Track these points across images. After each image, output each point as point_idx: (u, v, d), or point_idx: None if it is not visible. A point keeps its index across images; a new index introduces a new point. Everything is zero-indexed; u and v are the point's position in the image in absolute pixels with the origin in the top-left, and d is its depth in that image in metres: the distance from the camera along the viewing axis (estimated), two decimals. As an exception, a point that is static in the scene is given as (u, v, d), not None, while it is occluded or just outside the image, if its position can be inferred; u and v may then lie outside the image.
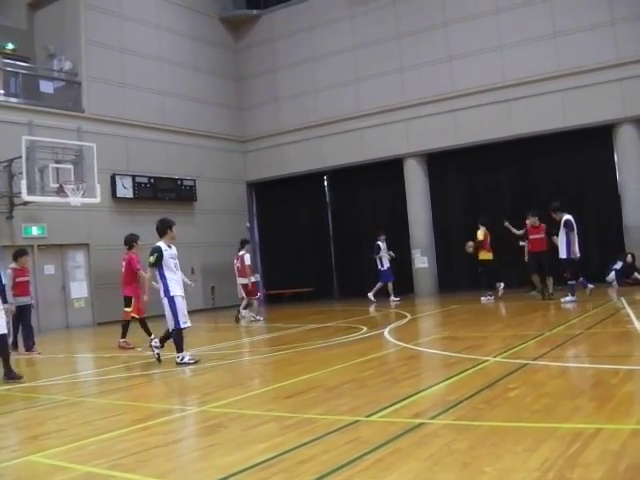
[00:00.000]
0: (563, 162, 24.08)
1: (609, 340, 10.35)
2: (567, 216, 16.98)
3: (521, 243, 20.59)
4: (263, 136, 29.97)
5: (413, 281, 25.77)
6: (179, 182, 27.11)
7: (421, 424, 5.84)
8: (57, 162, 21.35)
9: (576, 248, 16.89)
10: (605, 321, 12.70)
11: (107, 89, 24.98)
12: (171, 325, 10.91)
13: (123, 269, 14.96)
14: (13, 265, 15.26)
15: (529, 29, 23.84)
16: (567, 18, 23.25)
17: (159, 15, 27.52)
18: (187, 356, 10.94)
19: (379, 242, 23.42)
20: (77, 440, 6.28)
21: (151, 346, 11.41)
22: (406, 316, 16.91)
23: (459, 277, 25.14)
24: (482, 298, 19.47)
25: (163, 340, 11.26)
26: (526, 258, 18.76)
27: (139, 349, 14.09)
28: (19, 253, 15.60)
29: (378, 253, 23.38)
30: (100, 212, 23.86)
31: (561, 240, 16.93)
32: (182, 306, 10.96)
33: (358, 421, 6.12)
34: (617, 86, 22.40)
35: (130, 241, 15.10)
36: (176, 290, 10.94)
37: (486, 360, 8.93)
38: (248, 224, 30.02)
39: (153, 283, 11.78)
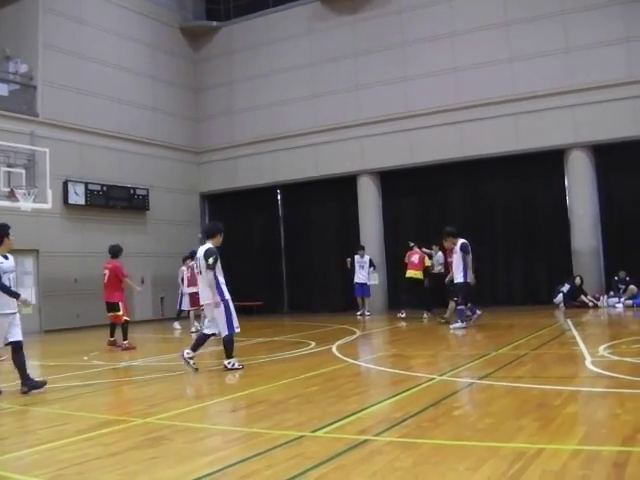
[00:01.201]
0: (514, 185, 24.40)
1: (554, 361, 10.48)
2: (463, 240, 16.80)
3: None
4: (218, 148, 29.88)
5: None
6: (132, 191, 26.85)
7: (366, 441, 5.87)
8: (9, 166, 20.99)
9: (471, 273, 16.69)
10: (551, 342, 12.87)
11: (63, 94, 24.67)
12: (224, 330, 10.92)
13: (106, 277, 15.87)
14: None
15: (484, 53, 24.13)
16: (522, 43, 23.59)
17: (119, 22, 27.29)
18: (236, 363, 11.03)
19: (356, 256, 23.45)
20: (19, 449, 6.21)
21: (184, 358, 11.01)
22: (355, 332, 16.96)
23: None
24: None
25: (196, 348, 11.13)
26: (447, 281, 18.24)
27: (85, 358, 13.97)
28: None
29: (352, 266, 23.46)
30: (51, 218, 23.53)
31: (457, 264, 16.64)
32: (234, 310, 11.09)
33: (303, 436, 6.13)
34: (569, 112, 22.76)
35: (117, 251, 16.13)
36: (228, 294, 11.11)
37: (432, 378, 8.99)
38: (200, 235, 29.85)
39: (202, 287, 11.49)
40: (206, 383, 10.52)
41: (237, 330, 10.96)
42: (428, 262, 21.00)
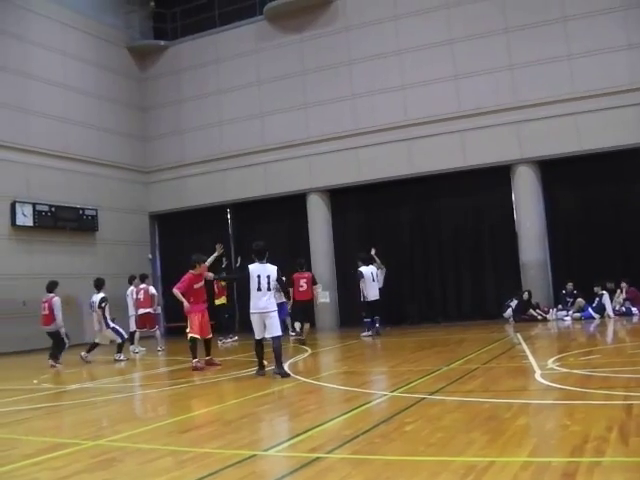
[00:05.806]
0: (462, 201, 24.67)
1: (505, 375, 10.54)
2: (360, 268, 20.12)
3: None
4: (167, 167, 29.72)
5: (315, 315, 25.73)
6: (81, 211, 26.58)
7: (317, 458, 5.83)
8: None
9: (366, 292, 19.98)
10: (501, 356, 12.95)
11: (8, 114, 24.39)
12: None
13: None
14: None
15: (431, 70, 24.44)
16: (467, 61, 23.96)
17: (65, 41, 27.06)
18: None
19: None
20: (-36, 476, 6.07)
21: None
22: (306, 350, 16.94)
23: (360, 312, 25.23)
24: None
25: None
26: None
27: (35, 381, 13.75)
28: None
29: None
30: (-2, 240, 23.23)
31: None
32: None
33: (255, 455, 6.09)
34: (514, 128, 23.11)
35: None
36: None
37: (384, 395, 9.00)
38: (150, 256, 29.68)
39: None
40: (156, 404, 10.41)
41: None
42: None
